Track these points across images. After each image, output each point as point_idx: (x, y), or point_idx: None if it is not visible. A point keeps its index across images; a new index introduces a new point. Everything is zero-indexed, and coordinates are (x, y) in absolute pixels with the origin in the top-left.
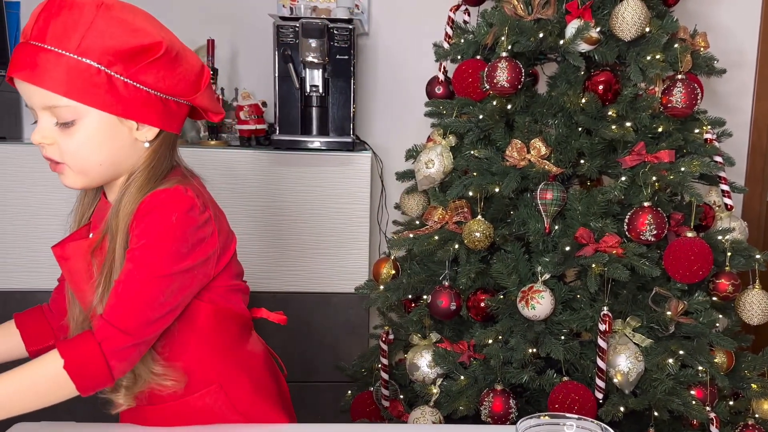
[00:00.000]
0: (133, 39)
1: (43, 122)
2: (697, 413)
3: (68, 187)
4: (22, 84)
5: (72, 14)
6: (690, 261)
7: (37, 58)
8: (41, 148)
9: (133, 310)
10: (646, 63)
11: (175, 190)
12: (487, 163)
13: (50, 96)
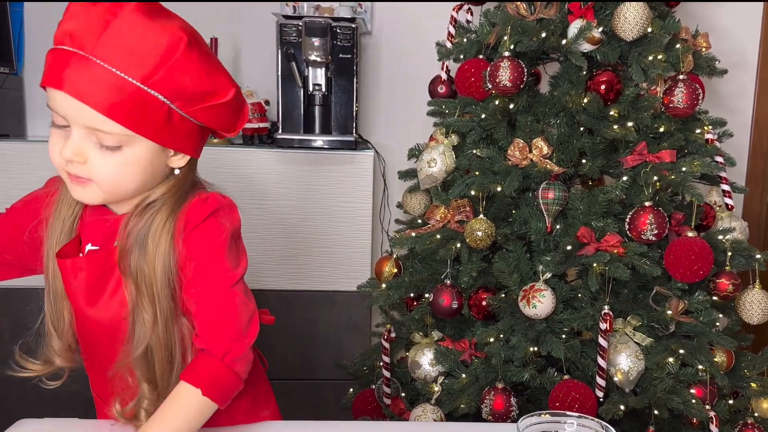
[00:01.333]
0: (207, 83)
1: (79, 139)
2: (696, 412)
3: (81, 200)
4: (64, 96)
5: (147, 40)
6: (690, 261)
7: (97, 78)
8: (66, 162)
9: (233, 319)
10: (647, 63)
11: (212, 196)
12: (489, 163)
13: (101, 120)
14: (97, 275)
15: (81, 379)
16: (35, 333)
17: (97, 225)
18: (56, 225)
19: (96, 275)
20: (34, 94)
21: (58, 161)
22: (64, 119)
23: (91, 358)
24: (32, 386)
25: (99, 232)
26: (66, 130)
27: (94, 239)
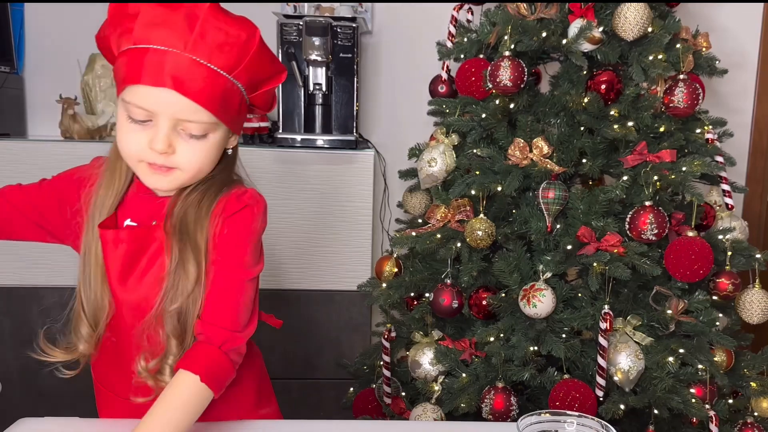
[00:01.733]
0: (271, 69)
1: (167, 131)
2: (696, 411)
3: (157, 188)
4: (159, 91)
5: (233, 35)
6: (691, 260)
7: (195, 74)
8: (150, 153)
9: (239, 311)
10: (648, 63)
11: (251, 192)
12: (489, 162)
13: (192, 110)
14: (135, 249)
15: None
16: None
17: (141, 203)
18: (99, 201)
19: (134, 249)
20: (34, 93)
21: (136, 153)
22: (149, 114)
23: (108, 341)
24: (33, 385)
25: (142, 210)
26: (146, 125)
27: (135, 216)
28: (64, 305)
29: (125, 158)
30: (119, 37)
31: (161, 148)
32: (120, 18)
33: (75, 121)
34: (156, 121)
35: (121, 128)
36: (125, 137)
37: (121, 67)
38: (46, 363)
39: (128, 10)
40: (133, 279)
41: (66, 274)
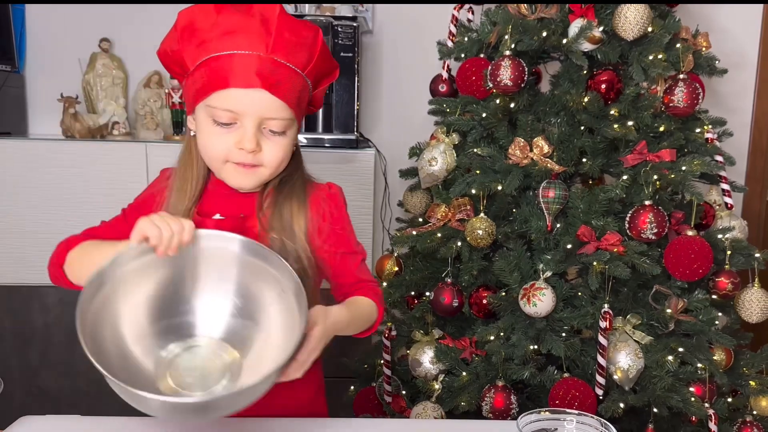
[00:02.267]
0: (330, 66)
1: (253, 130)
2: (696, 410)
3: (243, 186)
4: (248, 92)
5: (302, 36)
6: (690, 259)
7: (279, 74)
8: (242, 154)
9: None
10: (648, 62)
11: (331, 183)
12: (489, 161)
13: (276, 108)
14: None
15: (83, 376)
16: None
17: (222, 200)
18: (171, 208)
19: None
20: (35, 91)
21: (224, 155)
22: (235, 116)
23: None
24: (35, 384)
25: (225, 206)
26: (231, 127)
27: (222, 211)
28: (65, 304)
29: (210, 161)
30: (196, 48)
31: (251, 147)
32: (192, 32)
33: (76, 119)
34: (241, 122)
35: (205, 133)
36: (211, 141)
37: (201, 77)
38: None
39: (200, 24)
40: None
41: None
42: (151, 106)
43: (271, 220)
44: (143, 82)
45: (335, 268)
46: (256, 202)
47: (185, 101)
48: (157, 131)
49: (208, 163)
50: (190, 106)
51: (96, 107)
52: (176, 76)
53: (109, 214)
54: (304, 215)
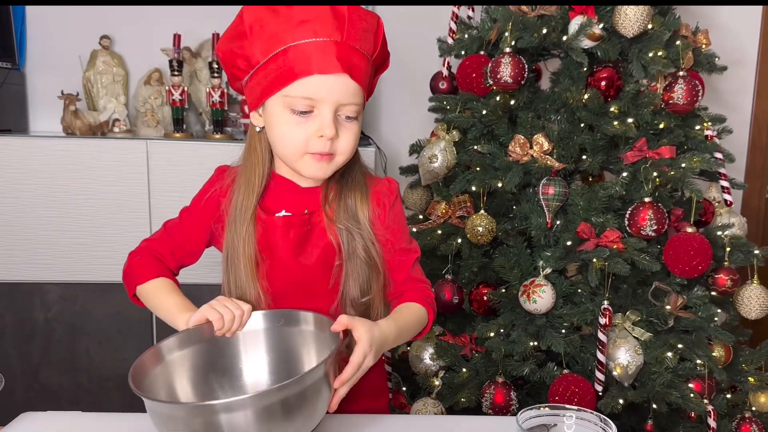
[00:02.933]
0: (387, 53)
1: (331, 117)
2: (695, 406)
3: (318, 176)
4: (329, 78)
5: (369, 23)
6: (690, 256)
7: (354, 59)
8: (320, 142)
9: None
10: (648, 60)
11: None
12: (490, 159)
13: (352, 93)
14: (305, 232)
15: (84, 372)
16: None
17: (286, 195)
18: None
19: (303, 232)
20: (36, 89)
21: (303, 145)
22: (313, 103)
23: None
24: (36, 381)
25: (289, 202)
26: (307, 116)
27: (286, 207)
28: (66, 300)
29: (288, 153)
30: (268, 41)
31: (331, 133)
32: (262, 25)
33: (77, 117)
34: (319, 111)
35: (281, 124)
36: (289, 132)
37: (277, 68)
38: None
39: (271, 17)
40: (309, 250)
41: (67, 269)
42: (151, 104)
43: (337, 211)
44: (144, 79)
45: (390, 262)
46: (321, 195)
47: (249, 98)
48: (157, 128)
49: (282, 156)
50: (258, 100)
51: (97, 104)
52: (237, 73)
53: (110, 212)
54: (367, 206)
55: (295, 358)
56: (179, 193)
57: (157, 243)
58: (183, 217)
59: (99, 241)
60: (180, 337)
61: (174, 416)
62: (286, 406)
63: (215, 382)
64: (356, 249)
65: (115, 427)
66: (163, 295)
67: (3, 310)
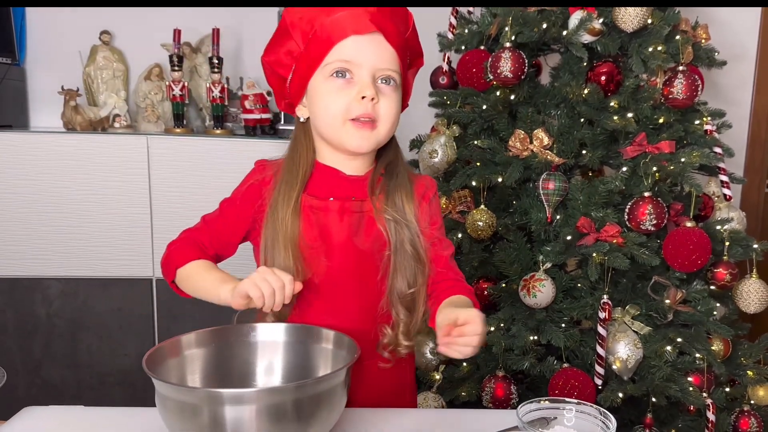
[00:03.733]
0: (420, 47)
1: (369, 79)
2: (694, 399)
3: (360, 149)
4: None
5: (400, 9)
6: (689, 250)
7: (387, 24)
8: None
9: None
10: (647, 54)
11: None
12: (490, 154)
13: (392, 59)
14: (358, 218)
15: (86, 368)
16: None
17: (335, 183)
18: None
19: (357, 217)
20: (36, 84)
21: (344, 110)
22: (351, 66)
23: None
24: (38, 376)
25: (336, 189)
26: (347, 82)
27: (335, 194)
28: (67, 295)
29: (331, 122)
30: (307, 25)
31: (372, 92)
32: (300, 17)
33: (77, 112)
34: (357, 76)
35: (324, 95)
36: (331, 100)
37: (316, 42)
38: None
39: (307, 10)
40: (361, 236)
41: (68, 264)
42: (152, 99)
43: (385, 203)
44: (144, 74)
45: (430, 254)
46: (368, 185)
47: (293, 94)
48: (158, 124)
49: (326, 129)
50: (301, 88)
51: (97, 100)
52: (281, 72)
53: (110, 207)
54: (412, 202)
55: (311, 374)
56: (180, 188)
57: (197, 233)
58: (223, 208)
59: (100, 237)
60: (202, 334)
61: (182, 403)
62: (298, 408)
63: (227, 386)
64: (404, 241)
65: (117, 421)
66: (204, 272)
67: (4, 306)
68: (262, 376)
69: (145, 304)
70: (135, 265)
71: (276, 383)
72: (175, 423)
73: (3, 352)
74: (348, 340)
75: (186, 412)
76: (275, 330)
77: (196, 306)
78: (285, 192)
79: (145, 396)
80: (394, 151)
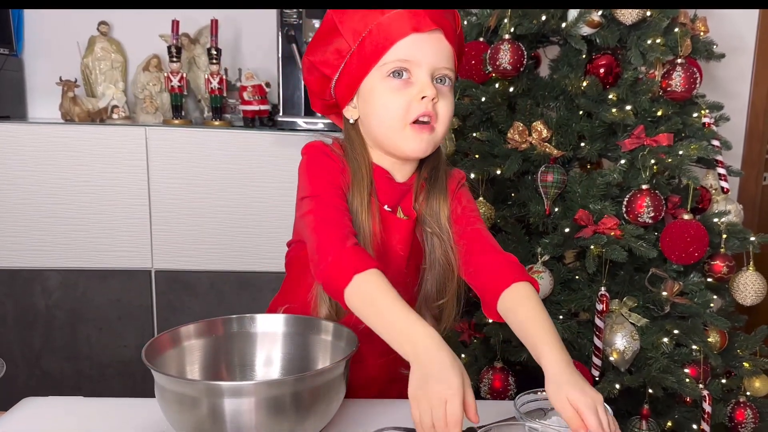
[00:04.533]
0: (463, 44)
1: (428, 78)
2: (690, 390)
3: (418, 153)
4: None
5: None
6: (686, 243)
7: (445, 21)
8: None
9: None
10: (646, 47)
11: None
12: (489, 146)
13: (449, 57)
14: (402, 226)
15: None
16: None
17: (387, 189)
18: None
19: (402, 226)
20: (34, 75)
21: (404, 113)
22: (410, 65)
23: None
24: (38, 367)
25: (388, 195)
26: (405, 83)
27: (388, 202)
28: (67, 287)
29: (390, 125)
30: (358, 23)
31: (432, 92)
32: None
33: (75, 103)
34: (416, 76)
35: (381, 95)
36: (390, 100)
37: (372, 41)
38: None
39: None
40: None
41: (67, 256)
42: (150, 90)
43: (425, 213)
44: (142, 65)
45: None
46: (413, 192)
47: (340, 94)
48: (156, 115)
49: (384, 132)
50: (352, 89)
51: (95, 91)
52: (327, 72)
53: (109, 198)
54: (447, 205)
55: (310, 365)
56: (179, 180)
57: (337, 215)
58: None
59: (98, 228)
60: (200, 325)
61: (181, 395)
62: (297, 401)
63: (226, 377)
64: (438, 254)
65: (117, 412)
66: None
67: (4, 297)
68: (262, 368)
69: (144, 296)
70: (134, 257)
71: (275, 375)
72: (175, 415)
73: (3, 343)
74: (347, 332)
75: (185, 404)
76: (274, 321)
77: (195, 298)
78: (357, 193)
79: (145, 387)
80: (437, 153)
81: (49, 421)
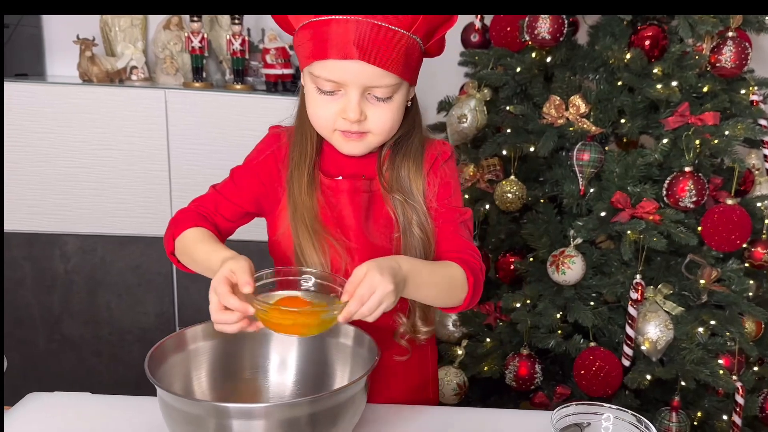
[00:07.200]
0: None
1: (357, 99)
2: (724, 383)
3: (353, 154)
4: (347, 63)
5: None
6: (728, 230)
7: (379, 39)
8: (347, 123)
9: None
10: (695, 18)
11: (441, 140)
12: (522, 121)
13: (379, 75)
14: (368, 198)
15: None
16: None
17: (345, 159)
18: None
19: (367, 198)
20: (52, 32)
21: (330, 123)
22: (337, 85)
23: None
24: (57, 331)
25: (347, 166)
26: (335, 95)
27: (342, 172)
28: (85, 252)
29: (318, 129)
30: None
31: (355, 116)
32: None
33: (93, 63)
34: (345, 91)
35: (311, 101)
36: (317, 110)
37: (304, 42)
38: None
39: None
40: (371, 223)
41: (85, 221)
42: (171, 50)
43: (391, 181)
44: (163, 23)
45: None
46: (376, 163)
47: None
48: (176, 76)
49: (317, 130)
50: (300, 64)
51: (114, 50)
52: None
53: (128, 163)
54: (421, 177)
55: (326, 370)
56: (198, 145)
57: (203, 199)
58: (234, 175)
59: (117, 193)
60: (208, 326)
61: (186, 413)
62: (314, 422)
63: (236, 382)
64: (411, 224)
65: (124, 409)
66: (199, 243)
67: (22, 260)
68: (275, 373)
69: (164, 263)
70: (153, 223)
71: (289, 382)
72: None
73: (22, 306)
74: (368, 340)
75: (191, 424)
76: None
77: None
78: (296, 167)
79: None
80: (409, 121)
81: (53, 417)
